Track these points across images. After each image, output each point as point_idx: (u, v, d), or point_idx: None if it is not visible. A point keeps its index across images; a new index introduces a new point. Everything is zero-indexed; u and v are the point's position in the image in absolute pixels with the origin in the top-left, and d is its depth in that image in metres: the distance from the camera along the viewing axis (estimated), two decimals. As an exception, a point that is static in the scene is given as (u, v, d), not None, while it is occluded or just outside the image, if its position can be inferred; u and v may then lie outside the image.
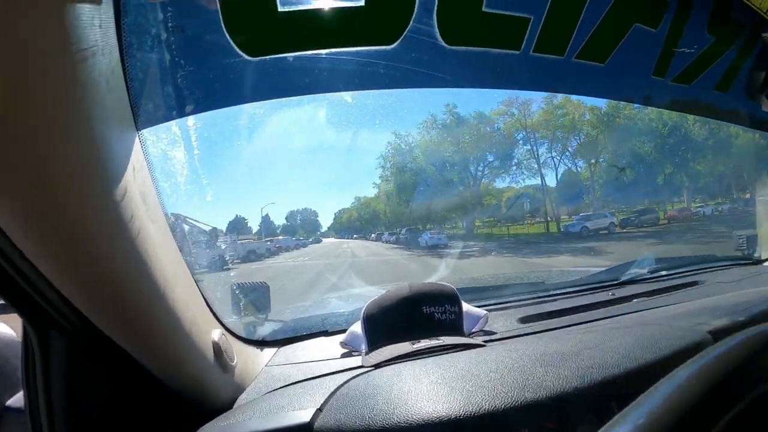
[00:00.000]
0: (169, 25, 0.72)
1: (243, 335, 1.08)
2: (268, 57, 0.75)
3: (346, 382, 0.79)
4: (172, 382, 0.81)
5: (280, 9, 0.70)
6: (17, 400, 0.93)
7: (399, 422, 0.65)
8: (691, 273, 1.68)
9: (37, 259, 0.57)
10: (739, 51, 1.25)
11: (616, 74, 1.03)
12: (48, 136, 0.48)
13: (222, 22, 0.71)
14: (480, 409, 0.64)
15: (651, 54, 1.06)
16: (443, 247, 18.32)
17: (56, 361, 0.73)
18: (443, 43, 0.79)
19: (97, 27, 0.48)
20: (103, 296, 0.63)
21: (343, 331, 1.12)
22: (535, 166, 24.79)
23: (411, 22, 0.76)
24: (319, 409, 0.74)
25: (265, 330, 1.31)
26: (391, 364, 0.83)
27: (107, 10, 0.51)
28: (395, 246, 22.29)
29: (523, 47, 0.85)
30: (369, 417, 0.68)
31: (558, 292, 1.46)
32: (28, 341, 0.73)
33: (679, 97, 1.24)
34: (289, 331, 1.30)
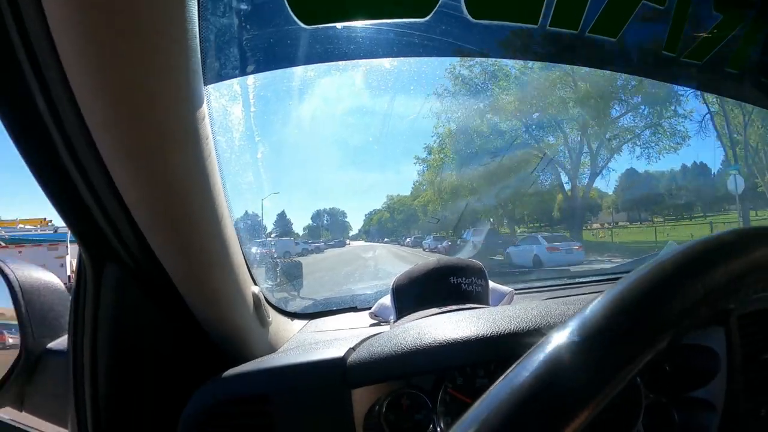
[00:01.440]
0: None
1: (276, 305, 1.14)
2: (320, 26, 0.88)
3: (376, 333, 0.82)
4: (214, 327, 0.86)
5: None
6: (58, 343, 0.96)
7: (430, 342, 0.71)
8: None
9: (124, 180, 0.63)
10: (748, 30, 1.30)
11: (628, 49, 1.12)
12: (148, 69, 0.54)
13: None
14: (505, 330, 0.70)
15: (661, 30, 1.13)
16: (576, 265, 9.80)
17: (107, 294, 0.77)
18: (469, 17, 0.90)
19: None
20: (171, 219, 0.68)
21: (371, 307, 1.17)
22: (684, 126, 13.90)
23: None
24: (352, 348, 0.78)
25: (296, 304, 1.37)
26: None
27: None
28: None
29: (540, 22, 0.95)
30: (401, 344, 0.73)
31: (582, 280, 1.52)
32: (81, 272, 0.78)
33: (693, 74, 1.30)
34: (320, 306, 1.39)
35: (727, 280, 0.36)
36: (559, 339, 0.35)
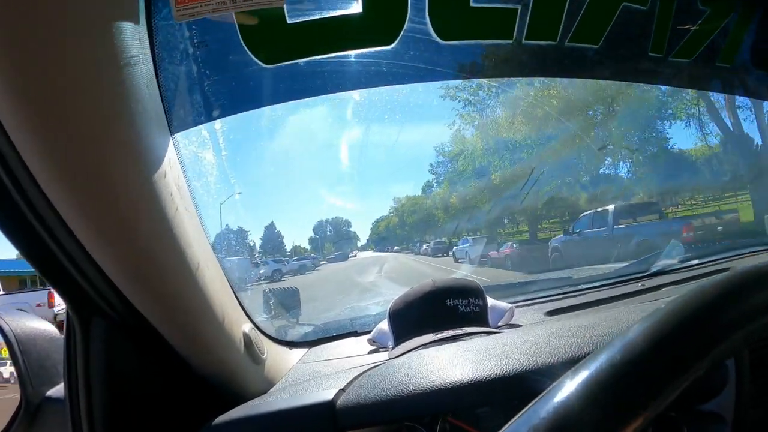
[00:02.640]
0: (195, 40, 0.82)
1: (274, 336, 1.14)
2: (282, 64, 0.84)
3: (369, 369, 0.83)
4: (205, 371, 0.86)
5: (289, 21, 0.79)
6: (57, 391, 0.98)
7: (414, 390, 0.71)
8: (723, 260, 1.62)
9: (91, 243, 0.63)
10: (737, 21, 1.26)
11: (612, 54, 1.07)
12: (101, 135, 0.54)
13: (240, 36, 0.80)
14: (492, 374, 0.69)
15: (645, 31, 1.09)
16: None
17: (96, 347, 0.78)
18: (438, 39, 0.86)
19: (137, 41, 0.55)
20: (144, 275, 0.68)
21: (371, 331, 1.16)
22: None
23: (406, 22, 0.83)
24: (342, 390, 0.79)
25: (295, 332, 1.37)
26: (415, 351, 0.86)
27: (143, 28, 0.59)
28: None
29: (515, 36, 0.91)
30: (387, 389, 0.73)
31: (586, 286, 1.48)
32: (70, 328, 0.79)
33: (682, 73, 1.26)
34: (319, 332, 1.37)
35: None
36: (570, 387, 0.34)
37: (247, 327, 0.91)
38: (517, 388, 0.70)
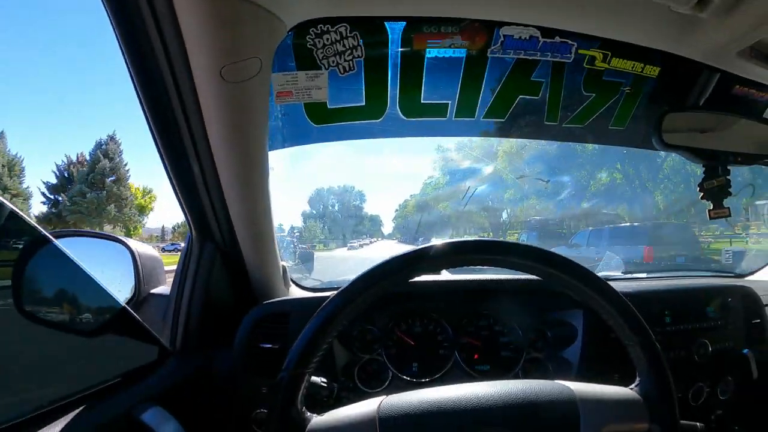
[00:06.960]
0: (284, 110, 1.62)
1: (293, 280, 1.59)
2: (323, 125, 1.62)
3: None
4: (259, 285, 1.25)
5: (329, 106, 1.55)
6: (157, 290, 1.28)
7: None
8: (666, 278, 1.87)
9: (229, 191, 1.01)
10: (624, 98, 1.54)
11: (515, 124, 1.66)
12: (252, 145, 0.99)
13: (304, 111, 1.58)
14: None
15: (540, 110, 1.54)
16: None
17: (205, 262, 1.10)
18: (403, 117, 1.58)
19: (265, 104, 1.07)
20: (251, 216, 1.07)
21: None
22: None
23: (387, 109, 1.54)
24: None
25: (307, 283, 1.77)
26: None
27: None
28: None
29: (447, 116, 1.61)
30: None
31: None
32: (189, 246, 1.09)
33: (577, 134, 1.65)
34: (325, 285, 1.80)
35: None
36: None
37: (283, 263, 1.41)
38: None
